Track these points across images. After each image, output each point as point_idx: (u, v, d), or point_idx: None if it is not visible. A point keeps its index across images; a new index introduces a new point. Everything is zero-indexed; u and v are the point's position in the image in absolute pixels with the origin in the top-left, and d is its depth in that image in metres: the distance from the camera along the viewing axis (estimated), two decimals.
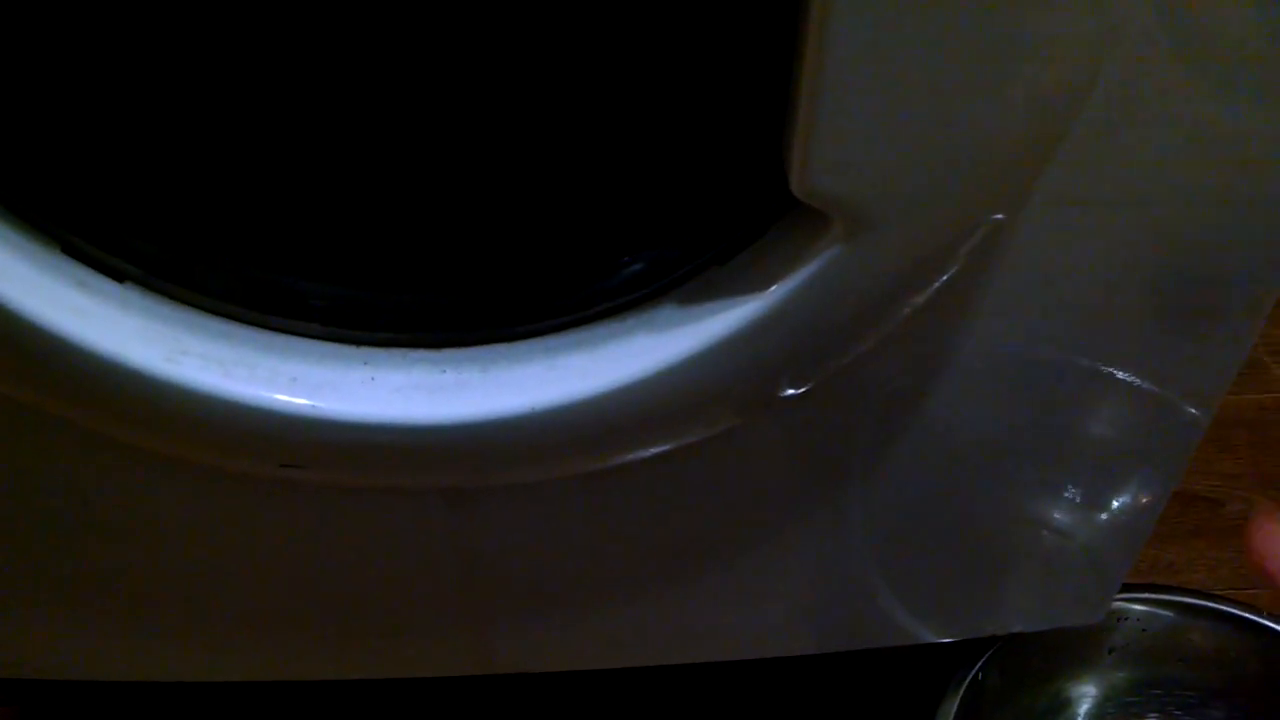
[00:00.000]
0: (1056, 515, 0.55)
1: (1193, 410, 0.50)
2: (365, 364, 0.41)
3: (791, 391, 0.44)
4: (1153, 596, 0.70)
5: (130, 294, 0.39)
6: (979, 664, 0.66)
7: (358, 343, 0.42)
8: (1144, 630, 0.70)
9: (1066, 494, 0.54)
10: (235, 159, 0.38)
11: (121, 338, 0.38)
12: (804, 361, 0.42)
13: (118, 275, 0.39)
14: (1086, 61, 0.35)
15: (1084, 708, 0.73)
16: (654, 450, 0.46)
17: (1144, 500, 0.55)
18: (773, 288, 0.38)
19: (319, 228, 0.40)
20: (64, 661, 0.58)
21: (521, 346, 0.42)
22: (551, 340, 0.42)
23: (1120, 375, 0.48)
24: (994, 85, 0.33)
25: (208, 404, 0.39)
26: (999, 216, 0.39)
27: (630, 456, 0.46)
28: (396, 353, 0.42)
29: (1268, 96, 0.38)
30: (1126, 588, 0.67)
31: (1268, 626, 0.68)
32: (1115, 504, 0.55)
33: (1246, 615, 0.69)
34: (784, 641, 0.61)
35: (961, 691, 0.65)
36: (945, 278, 0.41)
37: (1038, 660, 0.70)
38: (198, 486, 0.47)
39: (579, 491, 0.49)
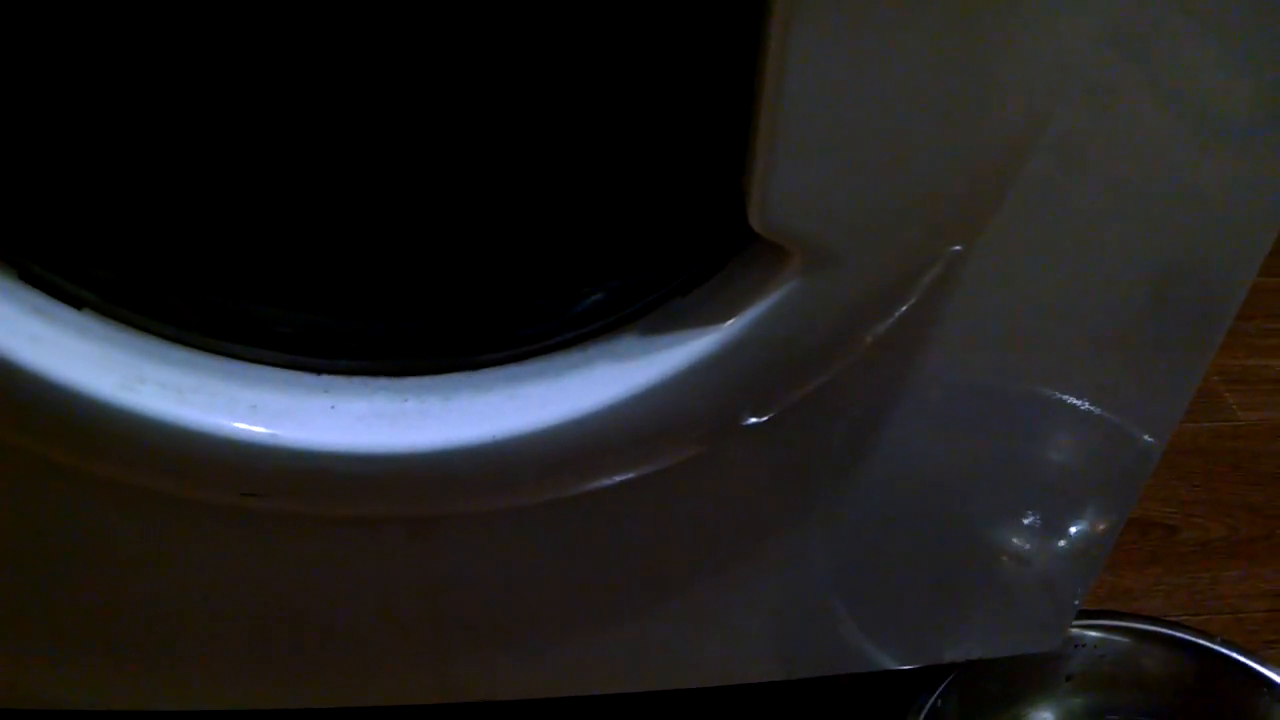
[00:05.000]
0: (1015, 541, 0.55)
1: (1147, 438, 0.51)
2: (326, 392, 0.41)
3: (754, 420, 0.44)
4: (1108, 623, 0.71)
5: (88, 321, 0.39)
6: (938, 691, 0.66)
7: (319, 370, 0.41)
8: (1100, 656, 0.71)
9: (1024, 520, 0.54)
10: (197, 186, 0.38)
11: (78, 365, 0.38)
12: (765, 391, 0.42)
13: (76, 302, 0.39)
14: (1042, 99, 0.36)
15: None
16: (617, 479, 0.45)
17: (1100, 527, 0.56)
18: (733, 319, 0.38)
19: (282, 254, 0.40)
20: (13, 692, 0.57)
21: (484, 375, 0.42)
22: (514, 369, 0.42)
23: (1077, 403, 0.48)
24: (951, 122, 0.33)
25: (165, 432, 0.39)
26: (957, 248, 0.40)
27: (593, 485, 0.46)
28: (358, 381, 0.42)
29: (1220, 129, 0.39)
30: (1082, 615, 0.68)
31: (1220, 652, 0.69)
32: (1072, 530, 0.55)
33: (1200, 641, 0.70)
34: (746, 668, 0.61)
35: (921, 717, 0.65)
36: (905, 308, 0.41)
37: (996, 687, 0.70)
38: (156, 514, 0.46)
39: (542, 520, 0.49)
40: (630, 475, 0.45)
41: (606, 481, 0.46)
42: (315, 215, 0.40)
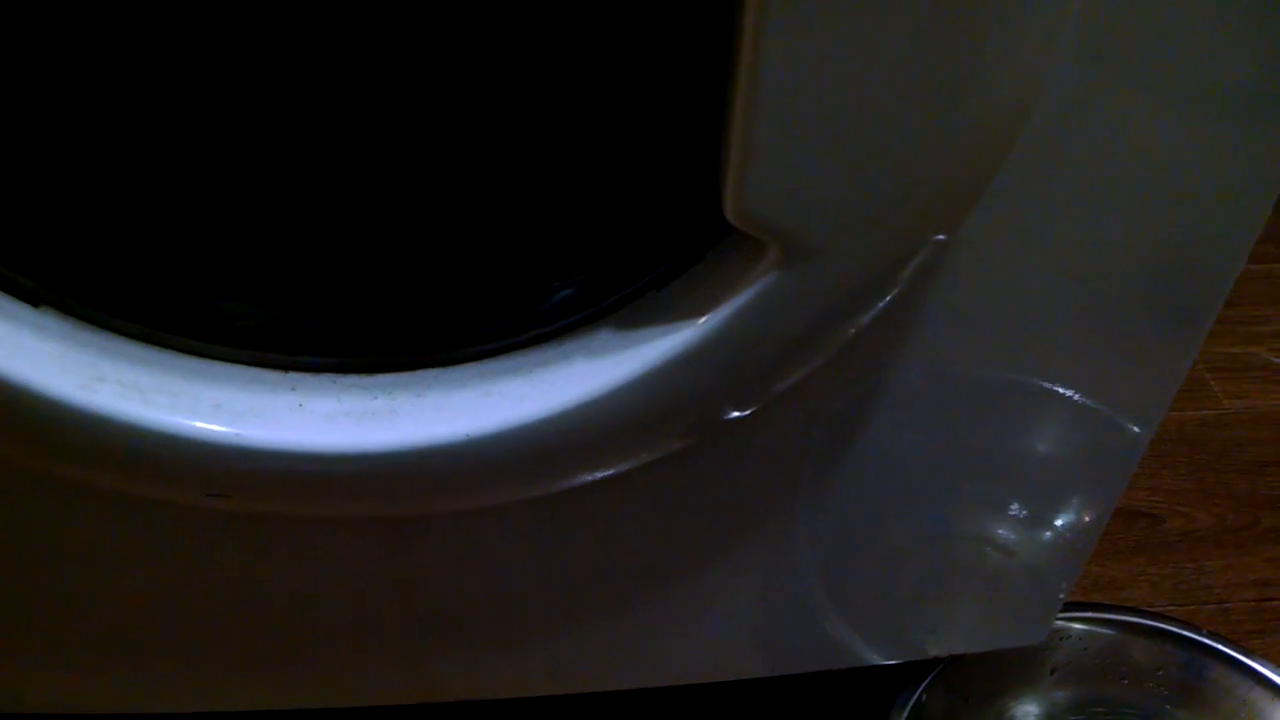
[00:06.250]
0: (1000, 533, 0.55)
1: (1134, 427, 0.50)
2: (293, 390, 0.40)
3: (736, 414, 0.43)
4: (1093, 615, 0.71)
5: (45, 318, 0.38)
6: (923, 685, 0.66)
7: (285, 368, 0.41)
8: (1085, 649, 0.71)
9: (1010, 512, 0.54)
10: (157, 179, 0.37)
11: (36, 364, 0.37)
12: (746, 385, 0.42)
13: (33, 299, 0.38)
14: (1024, 88, 0.35)
15: None
16: (596, 475, 0.45)
17: (1086, 517, 0.55)
18: (710, 313, 0.37)
19: (246, 248, 0.39)
20: None
21: (456, 372, 0.41)
22: (487, 365, 0.41)
23: (1063, 393, 0.48)
24: (930, 110, 0.33)
25: (126, 433, 0.38)
26: (940, 237, 0.39)
27: (572, 482, 0.45)
28: (326, 378, 0.41)
29: (1204, 111, 0.38)
30: (1067, 607, 0.67)
31: (1206, 643, 0.69)
32: (1058, 522, 0.55)
33: (1185, 632, 0.70)
34: (730, 665, 0.61)
35: (906, 712, 0.65)
36: (887, 299, 0.41)
37: (981, 681, 0.70)
38: (121, 515, 0.46)
39: (520, 518, 0.48)
40: (610, 472, 0.45)
41: (586, 478, 0.45)
42: (281, 208, 0.39)
